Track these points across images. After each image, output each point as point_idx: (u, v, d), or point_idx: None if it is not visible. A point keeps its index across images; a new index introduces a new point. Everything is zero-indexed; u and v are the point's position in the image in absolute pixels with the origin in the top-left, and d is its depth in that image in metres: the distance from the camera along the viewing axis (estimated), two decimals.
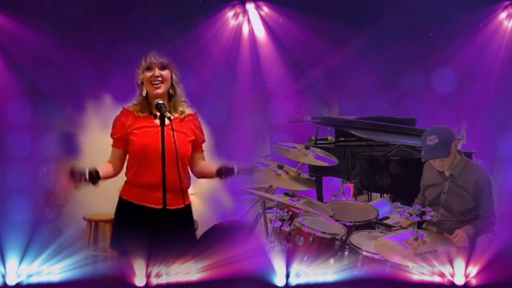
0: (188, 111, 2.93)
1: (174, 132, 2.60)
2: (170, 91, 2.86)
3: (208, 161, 3.05)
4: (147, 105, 2.86)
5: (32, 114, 4.72)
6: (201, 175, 3.03)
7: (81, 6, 4.75)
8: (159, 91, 2.79)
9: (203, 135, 3.00)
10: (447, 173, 3.59)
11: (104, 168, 2.82)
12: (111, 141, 2.92)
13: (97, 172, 2.72)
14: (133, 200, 2.86)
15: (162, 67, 2.82)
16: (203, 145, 3.05)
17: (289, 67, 5.66)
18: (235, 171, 2.86)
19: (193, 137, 2.91)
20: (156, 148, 2.68)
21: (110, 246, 2.98)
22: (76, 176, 2.63)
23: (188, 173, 2.96)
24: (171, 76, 2.85)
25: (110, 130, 2.91)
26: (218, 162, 2.99)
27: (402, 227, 3.64)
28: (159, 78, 2.80)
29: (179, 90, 2.89)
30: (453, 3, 5.10)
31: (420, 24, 5.24)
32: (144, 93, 2.85)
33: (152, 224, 2.79)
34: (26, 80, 4.79)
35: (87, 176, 2.66)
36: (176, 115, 2.86)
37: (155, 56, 2.82)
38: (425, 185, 3.74)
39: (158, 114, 2.73)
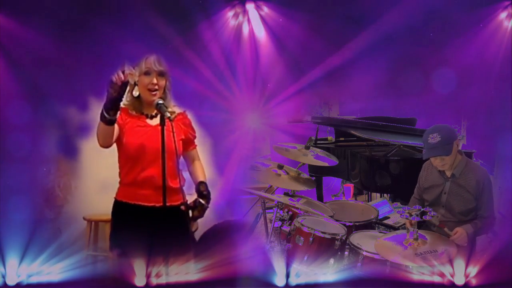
0: (177, 110, 2.97)
1: (174, 134, 2.61)
2: (162, 95, 2.88)
3: (196, 168, 3.05)
4: (138, 105, 2.89)
5: (32, 114, 4.72)
6: (191, 176, 3.07)
7: (81, 6, 4.75)
8: (155, 98, 2.80)
9: (193, 131, 3.04)
10: (448, 173, 3.59)
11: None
12: None
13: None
14: (128, 200, 2.88)
15: (160, 75, 2.84)
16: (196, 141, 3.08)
17: (289, 67, 5.66)
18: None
19: (183, 136, 2.96)
20: (150, 147, 2.76)
21: (110, 248, 2.97)
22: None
23: (181, 172, 2.97)
24: (165, 84, 2.88)
25: None
26: (200, 176, 3.00)
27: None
28: (156, 86, 2.82)
29: (169, 96, 2.93)
30: (453, 3, 5.10)
31: (420, 24, 5.23)
32: (136, 94, 2.86)
33: (148, 222, 2.82)
34: (26, 80, 4.79)
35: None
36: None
37: (155, 63, 2.82)
38: (425, 186, 3.73)
39: (151, 114, 2.84)
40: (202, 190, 2.91)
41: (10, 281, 3.52)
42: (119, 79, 2.53)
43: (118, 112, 2.65)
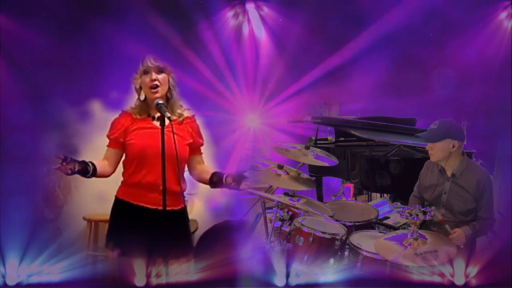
0: (186, 114, 2.96)
1: (174, 135, 2.61)
2: (168, 94, 2.89)
3: (205, 166, 3.06)
4: (146, 108, 2.90)
5: (32, 114, 4.72)
6: (198, 179, 3.06)
7: (81, 6, 4.75)
8: (158, 95, 2.81)
9: (201, 138, 3.02)
10: (448, 173, 3.59)
11: (100, 164, 2.85)
12: (108, 141, 2.94)
13: (93, 165, 2.77)
14: (130, 200, 2.88)
15: (159, 71, 2.84)
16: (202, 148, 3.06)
17: (289, 67, 5.67)
18: (224, 181, 2.86)
19: (191, 140, 2.93)
20: (154, 149, 2.71)
21: (106, 245, 2.97)
22: (69, 164, 2.61)
23: (183, 176, 2.97)
24: (168, 80, 2.87)
25: (108, 131, 2.93)
26: (212, 169, 2.99)
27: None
28: (156, 82, 2.82)
29: (175, 93, 2.92)
30: (453, 3, 5.10)
31: (420, 24, 5.24)
32: (142, 97, 2.88)
33: (149, 224, 2.81)
34: (26, 80, 4.79)
35: (77, 167, 2.66)
36: (175, 117, 2.86)
37: (151, 60, 2.84)
38: (425, 185, 3.74)
39: (157, 115, 2.78)
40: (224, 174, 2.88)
41: (10, 281, 3.51)
42: (64, 170, 2.60)
43: (96, 172, 2.77)
